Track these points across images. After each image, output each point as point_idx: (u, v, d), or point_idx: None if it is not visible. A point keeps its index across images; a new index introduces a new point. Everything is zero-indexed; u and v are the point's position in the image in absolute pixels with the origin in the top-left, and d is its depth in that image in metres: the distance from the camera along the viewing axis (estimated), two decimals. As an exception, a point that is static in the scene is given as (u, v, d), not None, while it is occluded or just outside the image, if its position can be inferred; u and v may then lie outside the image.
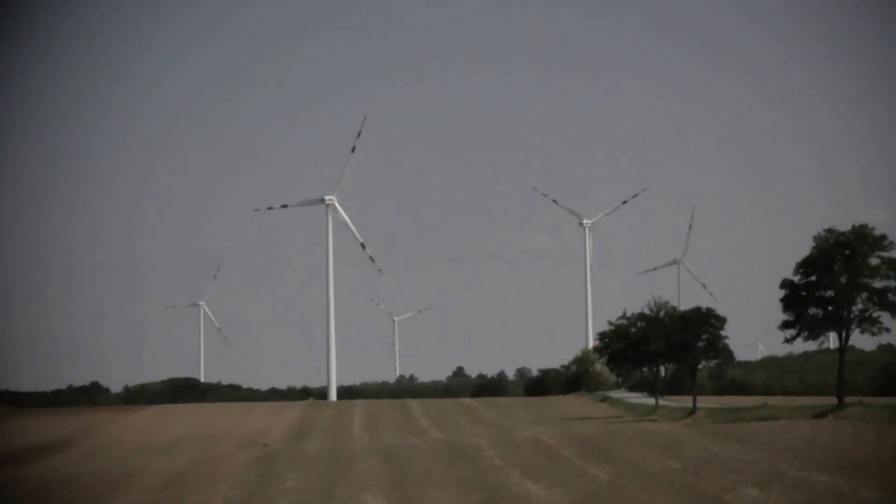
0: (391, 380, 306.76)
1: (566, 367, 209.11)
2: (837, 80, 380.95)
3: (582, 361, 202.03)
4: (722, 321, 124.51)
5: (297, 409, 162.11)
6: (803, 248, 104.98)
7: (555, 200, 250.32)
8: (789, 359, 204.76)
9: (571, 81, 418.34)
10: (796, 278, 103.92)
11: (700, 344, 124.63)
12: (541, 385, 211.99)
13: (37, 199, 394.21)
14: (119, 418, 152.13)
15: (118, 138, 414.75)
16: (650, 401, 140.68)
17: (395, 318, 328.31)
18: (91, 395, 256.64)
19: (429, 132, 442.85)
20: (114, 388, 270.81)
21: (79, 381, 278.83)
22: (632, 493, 57.19)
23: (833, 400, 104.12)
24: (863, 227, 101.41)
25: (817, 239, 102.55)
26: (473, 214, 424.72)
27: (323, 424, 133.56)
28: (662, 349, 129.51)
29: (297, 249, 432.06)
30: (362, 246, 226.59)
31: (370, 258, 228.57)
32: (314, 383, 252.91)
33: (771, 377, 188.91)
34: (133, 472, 79.32)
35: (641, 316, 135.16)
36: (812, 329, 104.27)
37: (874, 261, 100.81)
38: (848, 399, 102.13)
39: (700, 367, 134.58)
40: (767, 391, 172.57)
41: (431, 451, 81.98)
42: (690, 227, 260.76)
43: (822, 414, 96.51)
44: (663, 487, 57.88)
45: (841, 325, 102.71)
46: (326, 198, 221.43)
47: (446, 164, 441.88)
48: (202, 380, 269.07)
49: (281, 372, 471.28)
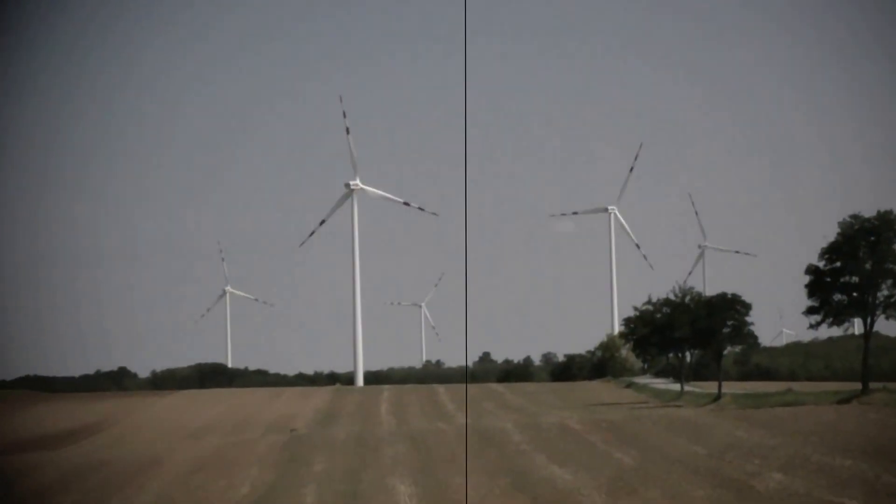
0: (417, 365, 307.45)
1: (592, 353, 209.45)
2: (862, 63, 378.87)
3: (608, 347, 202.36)
4: (747, 307, 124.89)
5: (324, 394, 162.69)
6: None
7: (575, 212, 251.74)
8: (814, 344, 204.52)
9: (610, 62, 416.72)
10: (821, 264, 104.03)
11: (725, 330, 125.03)
12: (567, 370, 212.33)
13: (67, 184, 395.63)
14: (147, 403, 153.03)
15: (154, 123, 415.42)
16: (675, 386, 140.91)
17: (422, 304, 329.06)
18: (119, 381, 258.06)
19: (457, 113, 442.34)
20: (141, 373, 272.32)
21: (107, 366, 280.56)
22: (657, 477, 57.51)
23: (857, 385, 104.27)
24: (888, 213, 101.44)
25: (842, 225, 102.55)
26: (500, 199, 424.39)
27: (350, 409, 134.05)
28: (688, 335, 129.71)
29: (325, 232, 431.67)
30: (406, 204, 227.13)
31: (419, 209, 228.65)
32: (341, 369, 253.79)
33: (796, 363, 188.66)
34: (161, 456, 79.75)
35: (667, 302, 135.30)
36: (837, 315, 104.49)
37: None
38: (872, 384, 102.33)
39: (725, 352, 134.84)
40: (792, 377, 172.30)
41: (458, 436, 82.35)
42: (696, 212, 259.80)
43: (846, 399, 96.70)
44: (688, 472, 58.20)
45: (866, 310, 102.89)
46: (351, 183, 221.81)
47: (470, 147, 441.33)
48: (229, 365, 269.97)
49: (308, 358, 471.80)
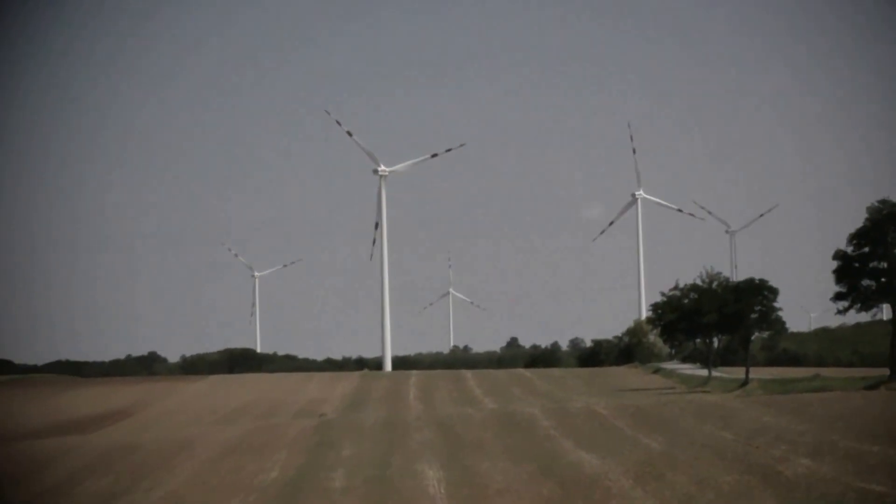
0: (445, 350, 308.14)
1: (619, 338, 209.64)
2: (886, 49, 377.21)
3: (635, 332, 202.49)
4: (775, 292, 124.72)
5: (352, 379, 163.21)
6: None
7: (612, 222, 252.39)
8: (842, 330, 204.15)
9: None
10: (849, 249, 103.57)
11: (753, 315, 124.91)
12: (594, 356, 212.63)
13: (98, 173, 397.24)
14: (178, 388, 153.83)
15: (186, 108, 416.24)
16: (703, 372, 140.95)
17: (451, 291, 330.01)
18: (149, 365, 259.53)
19: (478, 107, 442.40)
20: (171, 358, 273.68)
21: (137, 351, 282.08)
22: (684, 462, 57.69)
23: (885, 371, 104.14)
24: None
25: (870, 210, 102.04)
26: (529, 186, 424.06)
27: (378, 394, 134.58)
28: (715, 320, 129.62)
29: (352, 218, 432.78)
30: (434, 155, 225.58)
31: (447, 150, 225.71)
32: (369, 354, 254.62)
33: (823, 348, 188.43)
34: (192, 440, 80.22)
35: (694, 287, 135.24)
36: (865, 300, 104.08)
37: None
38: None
39: (752, 338, 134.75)
40: (820, 362, 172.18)
41: (486, 421, 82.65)
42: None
43: (873, 385, 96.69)
44: (715, 457, 58.36)
45: (894, 296, 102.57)
46: (379, 169, 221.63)
47: (500, 136, 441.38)
48: (258, 350, 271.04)
49: (336, 343, 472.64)
